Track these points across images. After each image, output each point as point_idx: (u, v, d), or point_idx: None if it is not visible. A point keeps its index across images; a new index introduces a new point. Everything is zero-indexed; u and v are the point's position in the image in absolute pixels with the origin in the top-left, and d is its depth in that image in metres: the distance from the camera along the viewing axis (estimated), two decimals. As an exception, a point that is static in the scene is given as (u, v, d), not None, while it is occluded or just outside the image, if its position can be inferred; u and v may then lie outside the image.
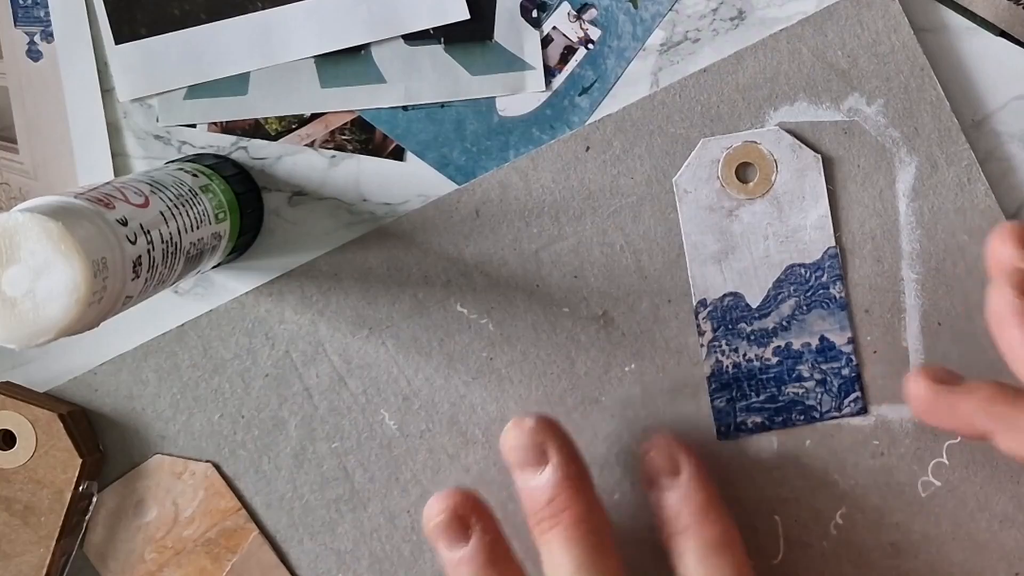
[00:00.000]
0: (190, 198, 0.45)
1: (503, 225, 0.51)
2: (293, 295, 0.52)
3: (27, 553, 0.51)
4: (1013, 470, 0.51)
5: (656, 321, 0.52)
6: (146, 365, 0.53)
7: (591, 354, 0.52)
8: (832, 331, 0.51)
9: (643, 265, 0.51)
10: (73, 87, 0.51)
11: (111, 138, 0.52)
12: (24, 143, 0.52)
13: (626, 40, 0.50)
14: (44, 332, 0.37)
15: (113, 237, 0.38)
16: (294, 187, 0.52)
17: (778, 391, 0.51)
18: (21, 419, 0.51)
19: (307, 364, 0.52)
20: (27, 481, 0.51)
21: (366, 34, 0.50)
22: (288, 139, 0.52)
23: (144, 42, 0.51)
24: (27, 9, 0.51)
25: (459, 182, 0.51)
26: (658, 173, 0.51)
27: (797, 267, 0.51)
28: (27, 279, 0.37)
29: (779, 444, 0.52)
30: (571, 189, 0.51)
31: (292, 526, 0.53)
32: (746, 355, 0.51)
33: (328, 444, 0.53)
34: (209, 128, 0.52)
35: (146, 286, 0.41)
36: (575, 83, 0.51)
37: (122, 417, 0.53)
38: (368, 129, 0.51)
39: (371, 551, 0.53)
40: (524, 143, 0.51)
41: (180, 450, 0.53)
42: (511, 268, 0.52)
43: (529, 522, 0.46)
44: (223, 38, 0.51)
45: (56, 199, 0.38)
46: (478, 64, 0.51)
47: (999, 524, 0.51)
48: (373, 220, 0.52)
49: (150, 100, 0.52)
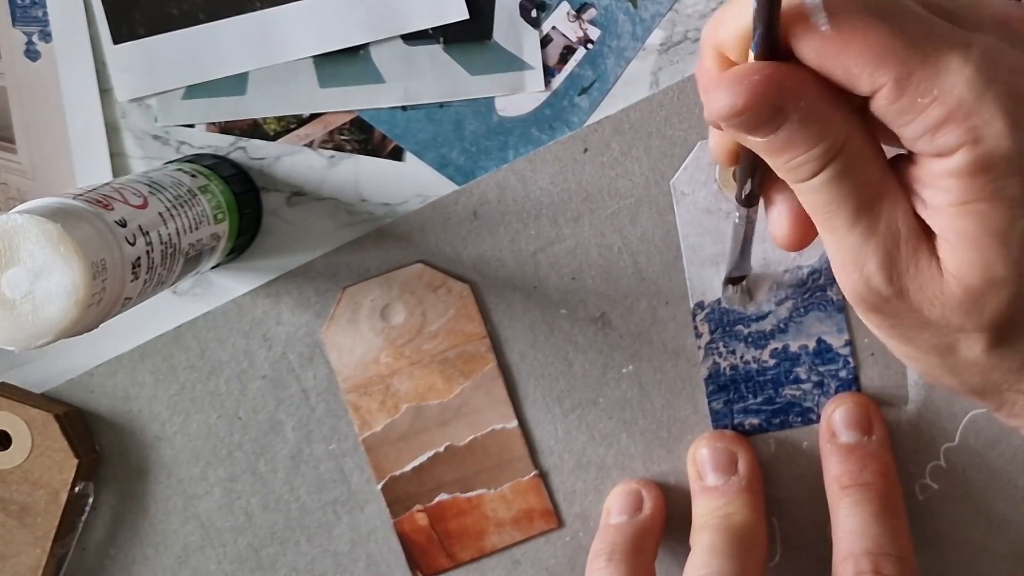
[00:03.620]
0: (189, 199, 0.45)
1: (501, 227, 0.51)
2: (291, 296, 0.52)
3: (23, 554, 0.51)
4: (1011, 473, 0.51)
5: (654, 323, 0.52)
6: (143, 366, 0.53)
7: (589, 355, 0.52)
8: (829, 333, 0.51)
9: (641, 267, 0.51)
10: (71, 87, 0.51)
11: (109, 138, 0.51)
12: (22, 143, 0.51)
13: (626, 40, 0.50)
14: (43, 334, 0.37)
15: (112, 238, 0.38)
16: (293, 187, 0.52)
17: (775, 393, 0.52)
18: (17, 420, 0.50)
19: (304, 366, 0.52)
20: (23, 482, 0.51)
21: (365, 34, 0.50)
22: (287, 139, 0.51)
23: (142, 42, 0.51)
24: (25, 9, 0.50)
25: (458, 182, 0.51)
26: (656, 175, 0.51)
27: (795, 269, 0.51)
28: (26, 281, 0.37)
29: (776, 446, 0.52)
30: (569, 191, 0.51)
31: (289, 528, 0.53)
32: (743, 357, 0.51)
33: (325, 446, 0.53)
34: (207, 128, 0.52)
35: (145, 287, 0.41)
36: (574, 83, 0.51)
37: (119, 418, 0.53)
38: (367, 129, 0.51)
39: (368, 553, 0.53)
40: (523, 143, 0.51)
41: (177, 451, 0.53)
42: (509, 270, 0.52)
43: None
44: (221, 38, 0.50)
45: (55, 200, 0.38)
46: (477, 64, 0.50)
47: (996, 527, 0.51)
48: (372, 220, 0.52)
49: (148, 100, 0.52)
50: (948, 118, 0.30)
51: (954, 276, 0.32)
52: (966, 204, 0.31)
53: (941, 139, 0.30)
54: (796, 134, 0.31)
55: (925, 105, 0.30)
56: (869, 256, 0.33)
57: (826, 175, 0.32)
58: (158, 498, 0.54)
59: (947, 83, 0.30)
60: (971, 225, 0.31)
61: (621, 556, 0.48)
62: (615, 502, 0.52)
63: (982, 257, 0.31)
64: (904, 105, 0.30)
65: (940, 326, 0.33)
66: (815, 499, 0.51)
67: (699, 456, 0.51)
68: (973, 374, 0.35)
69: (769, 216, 0.38)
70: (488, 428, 0.52)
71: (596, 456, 0.52)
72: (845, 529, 0.47)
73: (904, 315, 0.33)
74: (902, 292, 0.33)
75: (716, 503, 0.49)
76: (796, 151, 0.32)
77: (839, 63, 0.30)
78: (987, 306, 0.32)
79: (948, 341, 0.34)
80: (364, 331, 0.52)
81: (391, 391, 0.52)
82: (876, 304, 0.34)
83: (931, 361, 0.35)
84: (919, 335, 0.34)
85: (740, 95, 0.31)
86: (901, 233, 0.33)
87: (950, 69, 0.30)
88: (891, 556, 0.45)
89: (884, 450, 0.50)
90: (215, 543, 0.54)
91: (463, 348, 0.52)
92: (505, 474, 0.52)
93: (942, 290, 0.32)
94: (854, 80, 0.30)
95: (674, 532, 0.51)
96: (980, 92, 0.30)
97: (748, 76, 0.31)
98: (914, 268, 0.33)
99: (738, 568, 0.46)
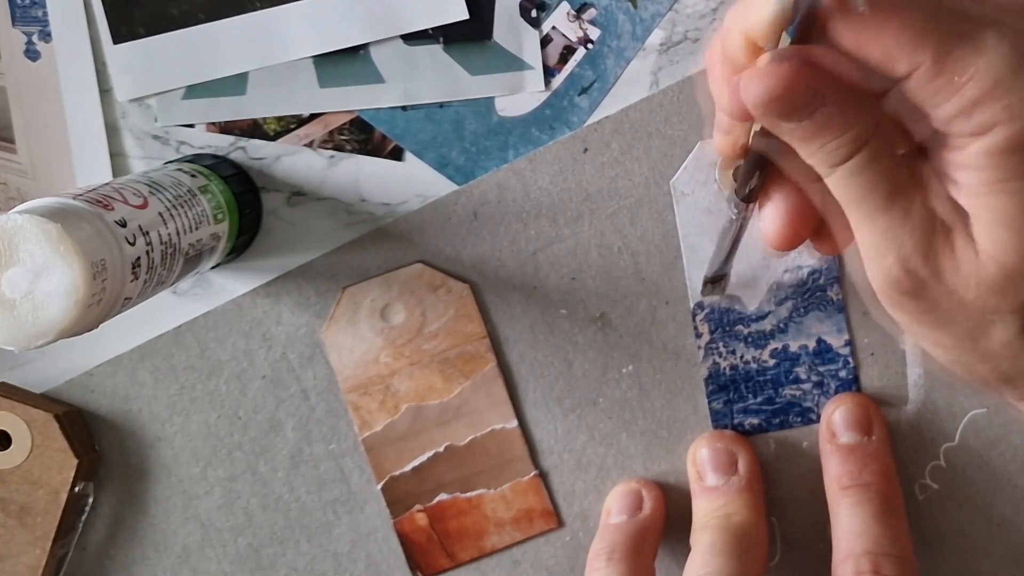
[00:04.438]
0: (189, 199, 0.45)
1: (501, 227, 0.51)
2: (291, 296, 0.52)
3: (23, 554, 0.51)
4: (1011, 473, 0.51)
5: (654, 323, 0.52)
6: (143, 366, 0.53)
7: (589, 356, 0.52)
8: (829, 333, 0.51)
9: (641, 267, 0.51)
10: (71, 87, 0.51)
11: (109, 138, 0.51)
12: (22, 143, 0.51)
13: (626, 40, 0.50)
14: (43, 334, 0.37)
15: (112, 238, 0.38)
16: (293, 187, 0.52)
17: (775, 393, 0.52)
18: (17, 420, 0.50)
19: (304, 366, 0.52)
20: (23, 481, 0.51)
21: (365, 34, 0.50)
22: (287, 139, 0.51)
23: (142, 42, 0.51)
24: (25, 9, 0.50)
25: (458, 182, 0.51)
26: (656, 175, 0.51)
27: (795, 269, 0.51)
28: (26, 281, 0.37)
29: (776, 446, 0.52)
30: (569, 191, 0.51)
31: (289, 528, 0.53)
32: (743, 357, 0.51)
33: (325, 446, 0.53)
34: (207, 128, 0.52)
35: (145, 287, 0.41)
36: (574, 83, 0.51)
37: (119, 418, 0.53)
38: (367, 129, 0.51)
39: (368, 553, 0.53)
40: (523, 143, 0.51)
41: (176, 451, 0.53)
42: (509, 270, 0.51)
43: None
44: (221, 38, 0.50)
45: (55, 200, 0.38)
46: (477, 64, 0.50)
47: (996, 527, 0.51)
48: (372, 220, 0.52)
49: (148, 100, 0.52)
50: (985, 96, 0.30)
51: (990, 256, 0.32)
52: (1002, 183, 0.31)
53: (977, 117, 0.30)
54: (832, 119, 0.32)
55: (962, 83, 0.30)
56: (905, 238, 0.33)
57: (861, 158, 0.32)
58: (158, 498, 0.54)
59: (983, 60, 0.30)
60: (1007, 204, 0.31)
61: (621, 556, 0.48)
62: (615, 502, 0.52)
63: (1018, 236, 0.31)
64: (941, 84, 0.30)
65: (975, 308, 0.33)
66: (815, 499, 0.51)
67: (699, 456, 0.51)
68: (1005, 358, 0.34)
69: (763, 215, 0.38)
70: (488, 428, 0.52)
71: (596, 456, 0.52)
72: (845, 529, 0.47)
73: (939, 298, 0.33)
74: (939, 273, 0.33)
75: (716, 503, 0.49)
76: (831, 135, 0.32)
77: (877, 44, 0.31)
78: (1023, 285, 0.32)
79: (982, 324, 0.34)
80: (364, 331, 0.52)
81: (391, 391, 0.52)
82: (911, 288, 0.34)
83: (963, 347, 0.35)
84: (952, 319, 0.34)
85: (779, 80, 0.31)
86: (936, 214, 0.33)
87: (987, 47, 0.30)
88: (891, 556, 0.45)
89: (884, 450, 0.50)
90: (215, 543, 0.54)
91: (463, 348, 0.52)
92: (505, 474, 0.52)
93: (978, 270, 0.32)
94: (891, 61, 0.31)
95: (674, 532, 0.51)
96: (1016, 70, 0.30)
97: (787, 60, 0.31)
98: (950, 249, 0.33)
99: (738, 568, 0.46)
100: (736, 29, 0.33)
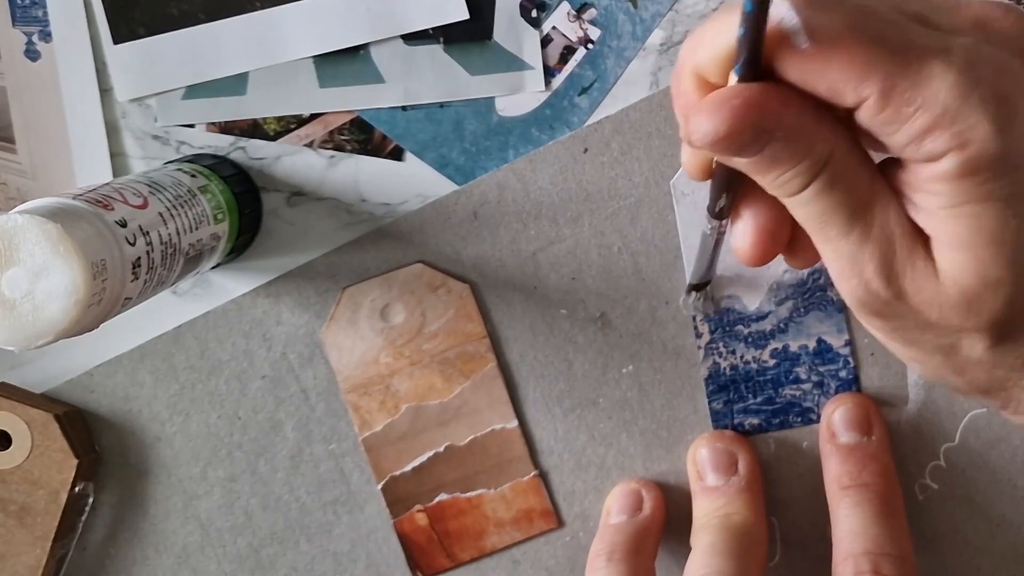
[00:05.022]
0: (189, 199, 0.45)
1: (501, 227, 0.51)
2: (291, 296, 0.52)
3: (23, 554, 0.51)
4: (1011, 473, 0.51)
5: (654, 323, 0.52)
6: (143, 367, 0.53)
7: (589, 356, 0.52)
8: (830, 333, 0.51)
9: (641, 267, 0.51)
10: (71, 87, 0.51)
11: (109, 138, 0.51)
12: (22, 143, 0.51)
13: (626, 40, 0.50)
14: (43, 334, 0.37)
15: (112, 239, 0.38)
16: (293, 187, 0.52)
17: (775, 393, 0.52)
18: (17, 420, 0.50)
19: (304, 366, 0.52)
20: (23, 482, 0.51)
21: (365, 34, 0.50)
22: (287, 139, 0.51)
23: (142, 42, 0.51)
24: (25, 9, 0.50)
25: (458, 182, 0.51)
26: (656, 175, 0.51)
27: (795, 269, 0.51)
28: (26, 281, 0.37)
29: (776, 446, 0.52)
30: (569, 191, 0.51)
31: (289, 528, 0.53)
32: (743, 357, 0.51)
33: (325, 446, 0.53)
34: (207, 128, 0.52)
35: (145, 287, 0.41)
36: (575, 83, 0.51)
37: (119, 418, 0.53)
38: (367, 129, 0.51)
39: (368, 553, 0.53)
40: (523, 143, 0.51)
41: (176, 452, 0.53)
42: (509, 270, 0.51)
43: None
44: (222, 38, 0.50)
45: (55, 200, 0.38)
46: (477, 64, 0.50)
47: (996, 527, 0.51)
48: (372, 220, 0.52)
49: (148, 100, 0.51)
50: (934, 125, 0.30)
51: (950, 277, 0.32)
52: (957, 207, 0.31)
53: (928, 146, 0.30)
54: (781, 152, 0.31)
55: (910, 114, 0.30)
56: (866, 261, 0.33)
57: (815, 187, 0.32)
58: (158, 498, 0.54)
59: (931, 90, 0.30)
60: (963, 227, 0.31)
61: (621, 556, 0.48)
62: (615, 502, 0.52)
63: (976, 259, 0.31)
64: (889, 115, 0.30)
65: (941, 327, 0.33)
66: (815, 499, 0.51)
67: (699, 456, 0.51)
68: (978, 372, 0.35)
69: (734, 231, 0.38)
70: (488, 428, 0.52)
71: (596, 456, 0.52)
72: (845, 529, 0.47)
73: (905, 317, 0.33)
74: (901, 294, 0.33)
75: (716, 503, 0.49)
76: (782, 168, 0.32)
77: (823, 79, 0.30)
78: (985, 307, 0.32)
79: (950, 341, 0.34)
80: (364, 331, 0.52)
81: (391, 391, 0.52)
82: (877, 308, 0.34)
83: (936, 361, 0.35)
84: (921, 336, 0.34)
85: (723, 121, 0.31)
86: (896, 236, 0.33)
87: (933, 76, 0.30)
88: (891, 556, 0.45)
89: (884, 450, 0.50)
90: (215, 543, 0.54)
91: (463, 348, 0.52)
92: (505, 474, 0.52)
93: (939, 292, 0.32)
94: (839, 95, 0.30)
95: (674, 532, 0.51)
96: (964, 96, 0.30)
97: (729, 101, 0.31)
98: (911, 270, 0.33)
99: (738, 568, 0.46)
100: (687, 65, 0.33)
